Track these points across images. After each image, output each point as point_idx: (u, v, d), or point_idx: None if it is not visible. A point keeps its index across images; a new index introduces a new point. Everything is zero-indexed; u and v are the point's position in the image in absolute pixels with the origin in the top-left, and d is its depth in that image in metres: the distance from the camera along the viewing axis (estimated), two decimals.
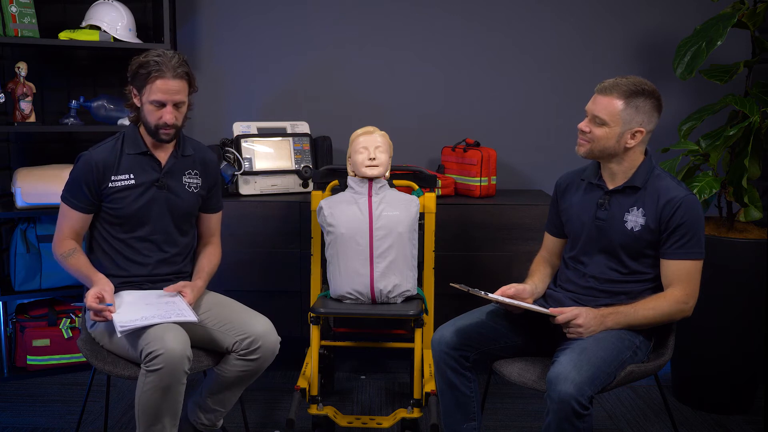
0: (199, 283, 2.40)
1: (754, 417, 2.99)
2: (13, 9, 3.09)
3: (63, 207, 2.35)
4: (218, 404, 2.39)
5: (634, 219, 2.20)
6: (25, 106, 3.16)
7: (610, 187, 2.26)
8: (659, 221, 2.17)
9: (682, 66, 3.03)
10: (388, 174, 2.76)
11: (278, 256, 3.16)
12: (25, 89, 3.14)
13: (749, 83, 3.11)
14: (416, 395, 2.66)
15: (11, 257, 3.26)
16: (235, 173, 3.21)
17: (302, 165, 3.34)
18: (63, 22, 3.35)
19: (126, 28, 3.26)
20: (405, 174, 2.95)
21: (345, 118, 3.57)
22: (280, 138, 3.35)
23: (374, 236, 2.64)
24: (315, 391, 2.65)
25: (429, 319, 2.82)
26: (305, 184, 3.36)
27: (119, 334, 2.13)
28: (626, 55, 3.62)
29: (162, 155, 2.40)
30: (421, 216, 2.81)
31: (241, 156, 3.23)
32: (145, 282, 2.38)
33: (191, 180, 2.45)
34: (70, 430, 2.79)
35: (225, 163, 3.19)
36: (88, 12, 3.26)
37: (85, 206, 2.32)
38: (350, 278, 2.66)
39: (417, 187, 2.91)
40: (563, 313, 2.13)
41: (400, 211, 2.67)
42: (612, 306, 2.18)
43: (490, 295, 2.19)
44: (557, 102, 3.64)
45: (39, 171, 3.22)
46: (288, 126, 3.40)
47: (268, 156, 3.31)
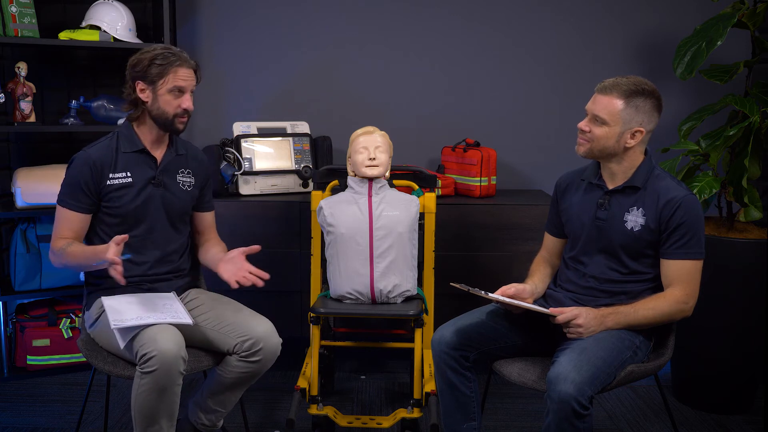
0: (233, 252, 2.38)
1: (754, 417, 2.99)
2: (13, 9, 3.09)
3: (61, 211, 2.31)
4: (218, 405, 2.39)
5: (634, 219, 2.20)
6: (25, 106, 3.16)
7: (610, 187, 2.26)
8: (659, 221, 2.17)
9: (682, 66, 3.03)
10: (388, 174, 2.76)
11: (278, 256, 3.16)
12: (25, 89, 3.14)
13: (749, 83, 3.11)
14: (416, 395, 2.66)
15: (11, 257, 3.26)
16: (235, 173, 3.21)
17: (302, 165, 3.34)
18: (63, 22, 3.35)
19: (126, 28, 3.26)
20: (405, 174, 2.95)
21: (345, 118, 3.57)
22: (280, 138, 3.35)
23: (374, 236, 2.64)
24: (315, 391, 2.65)
25: (429, 319, 2.82)
26: (305, 184, 3.36)
27: (112, 327, 2.12)
28: (626, 55, 3.62)
29: (158, 153, 2.41)
30: (421, 216, 2.81)
31: (241, 156, 3.23)
32: (143, 281, 2.38)
33: (185, 179, 2.45)
34: (70, 430, 2.79)
35: (225, 163, 3.19)
36: (88, 12, 3.26)
37: (84, 206, 2.31)
38: (350, 278, 2.66)
39: (417, 187, 2.91)
40: (563, 313, 2.13)
41: (400, 211, 2.67)
42: (612, 306, 2.18)
43: (490, 294, 2.19)
44: (557, 102, 3.64)
45: (39, 171, 3.22)
46: (288, 126, 3.40)
47: (268, 156, 3.31)
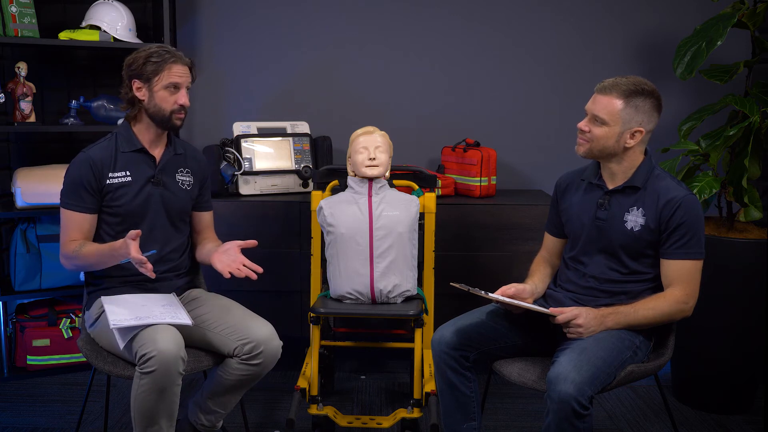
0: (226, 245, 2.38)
1: (754, 417, 2.99)
2: (13, 9, 3.09)
3: (66, 214, 2.31)
4: (218, 406, 2.39)
5: (634, 219, 2.20)
6: (25, 106, 3.16)
7: (610, 187, 2.26)
8: (659, 221, 2.17)
9: (682, 66, 3.03)
10: (388, 174, 2.76)
11: (278, 256, 3.16)
12: (25, 89, 3.14)
13: (749, 83, 3.11)
14: (416, 395, 2.66)
15: (11, 257, 3.26)
16: (235, 173, 3.21)
17: (302, 165, 3.34)
18: (63, 22, 3.35)
19: (126, 28, 3.26)
20: (405, 174, 2.95)
21: (345, 118, 3.57)
22: (280, 138, 3.35)
23: (374, 236, 2.64)
24: (315, 391, 2.65)
25: (429, 319, 2.81)
26: (305, 184, 3.36)
27: (111, 327, 2.12)
28: (626, 55, 3.62)
29: (156, 152, 2.41)
30: (421, 216, 2.81)
31: (241, 156, 3.23)
32: (143, 281, 2.37)
33: (184, 178, 2.46)
34: (70, 430, 2.79)
35: (225, 163, 3.19)
36: (88, 12, 3.26)
37: (89, 206, 2.31)
38: (350, 278, 2.66)
39: (417, 187, 2.91)
40: (563, 313, 2.13)
41: (400, 211, 2.67)
42: (612, 306, 2.18)
43: (490, 294, 2.19)
44: (557, 102, 3.64)
45: (39, 171, 3.22)
46: (288, 126, 3.40)
47: (268, 156, 3.31)
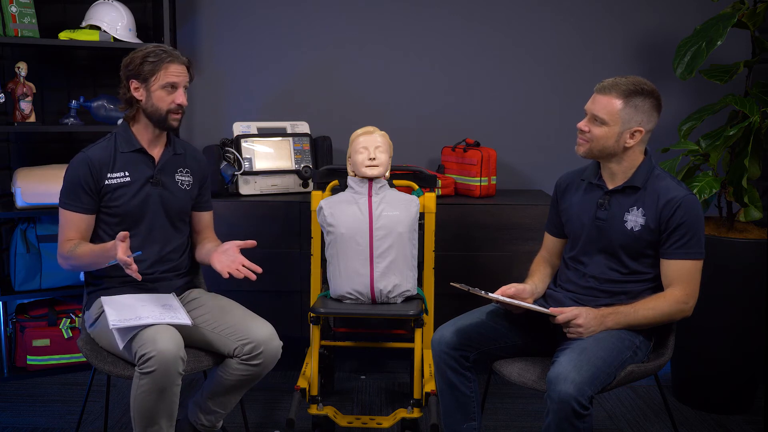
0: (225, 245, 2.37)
1: (754, 417, 2.99)
2: (13, 9, 3.09)
3: (64, 214, 2.32)
4: (218, 406, 2.39)
5: (634, 219, 2.20)
6: (25, 106, 3.16)
7: (610, 187, 2.26)
8: (659, 221, 2.17)
9: (682, 66, 3.03)
10: (388, 174, 2.76)
11: (278, 256, 3.16)
12: (25, 89, 3.14)
13: (749, 83, 3.11)
14: (416, 395, 2.66)
15: (11, 257, 3.26)
16: (235, 173, 3.21)
17: (302, 165, 3.34)
18: (63, 22, 3.35)
19: (126, 28, 3.26)
20: (405, 174, 2.95)
21: (345, 118, 3.57)
22: (280, 138, 3.35)
23: (374, 236, 2.64)
24: (315, 391, 2.65)
25: (429, 319, 2.81)
26: (305, 184, 3.36)
27: (111, 327, 2.12)
28: (626, 55, 3.62)
29: (155, 152, 2.41)
30: (421, 216, 2.81)
31: (241, 156, 3.23)
32: (144, 281, 2.36)
33: (183, 178, 2.46)
34: (70, 430, 2.79)
35: (225, 163, 3.19)
36: (88, 12, 3.26)
37: (87, 207, 2.31)
38: (350, 278, 2.66)
39: (417, 187, 2.91)
40: (563, 313, 2.13)
41: (400, 211, 2.67)
42: (612, 306, 2.18)
43: (490, 294, 2.19)
44: (557, 102, 3.64)
45: (39, 171, 3.22)
46: (288, 126, 3.40)
47: (268, 156, 3.31)
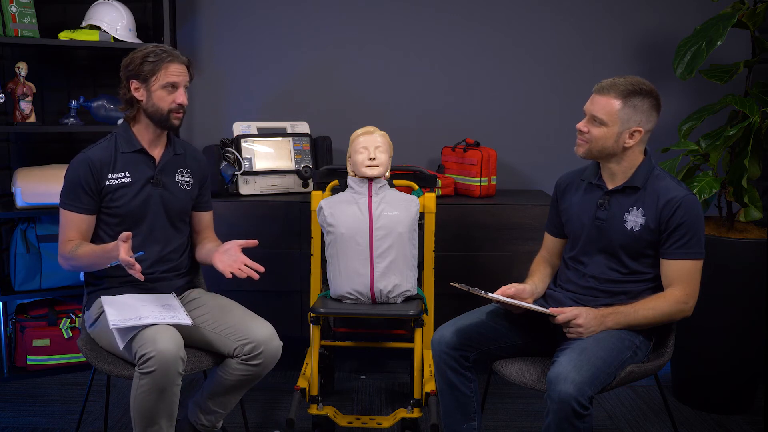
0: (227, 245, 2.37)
1: (754, 417, 2.99)
2: (13, 9, 3.09)
3: (64, 214, 2.32)
4: (218, 406, 2.39)
5: (634, 219, 2.20)
6: (25, 106, 3.16)
7: (610, 187, 2.26)
8: (659, 221, 2.17)
9: (682, 66, 3.03)
10: (388, 174, 2.76)
11: (278, 256, 3.16)
12: (25, 89, 3.14)
13: (749, 83, 3.11)
14: (416, 395, 2.66)
15: (11, 257, 3.26)
16: (235, 173, 3.21)
17: (302, 165, 3.34)
18: (63, 22, 3.35)
19: (126, 28, 3.26)
20: (405, 174, 2.95)
21: (345, 118, 3.57)
22: (280, 138, 3.35)
23: (374, 236, 2.64)
24: (315, 391, 2.65)
25: (429, 319, 2.81)
26: (305, 184, 3.36)
27: (111, 327, 2.12)
28: (626, 55, 3.62)
29: (156, 152, 2.41)
30: (421, 216, 2.81)
31: (241, 156, 3.23)
32: (144, 281, 2.37)
33: (183, 178, 2.46)
34: (70, 430, 2.79)
35: (225, 163, 3.19)
36: (88, 12, 3.26)
37: (87, 207, 2.31)
38: (350, 278, 2.66)
39: (417, 187, 2.91)
40: (563, 313, 2.13)
41: (400, 211, 2.67)
42: (612, 306, 2.18)
43: (490, 294, 2.19)
44: (557, 102, 3.64)
45: (39, 171, 3.22)
46: (288, 126, 3.40)
47: (268, 156, 3.31)
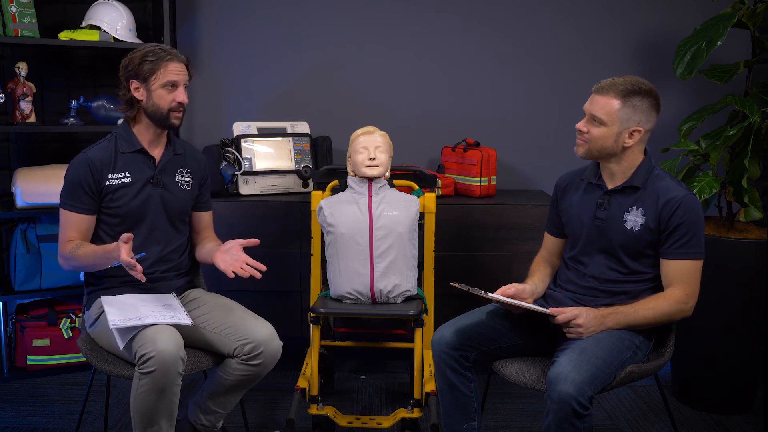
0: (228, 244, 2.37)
1: (754, 417, 2.99)
2: (13, 9, 3.09)
3: (64, 214, 2.32)
4: (218, 406, 2.39)
5: (634, 219, 2.20)
6: (25, 106, 3.16)
7: (610, 186, 2.26)
8: (659, 221, 2.17)
9: (682, 66, 3.03)
10: (388, 174, 2.76)
11: (278, 256, 3.16)
12: (25, 89, 3.14)
13: (749, 83, 3.11)
14: (416, 395, 2.66)
15: (11, 257, 3.26)
16: (235, 173, 3.21)
17: (302, 165, 3.34)
18: (63, 22, 3.35)
19: (126, 28, 3.26)
20: (405, 174, 2.95)
21: (345, 118, 3.56)
22: (280, 138, 3.35)
23: (374, 236, 2.64)
24: (315, 391, 2.65)
25: (429, 319, 2.81)
26: (305, 184, 3.36)
27: (111, 327, 2.13)
28: (626, 55, 3.62)
29: (156, 152, 2.41)
30: (421, 216, 2.81)
31: (241, 156, 3.23)
32: (144, 281, 2.37)
33: (183, 178, 2.46)
34: (70, 430, 2.79)
35: (225, 163, 3.19)
36: (88, 12, 3.26)
37: (87, 207, 2.31)
38: (350, 278, 2.66)
39: (417, 187, 2.91)
40: (563, 313, 2.13)
41: (400, 211, 2.67)
42: (612, 306, 2.18)
43: (490, 294, 2.19)
44: (557, 102, 3.64)
45: (39, 171, 3.22)
46: (288, 126, 3.40)
47: (268, 156, 3.31)
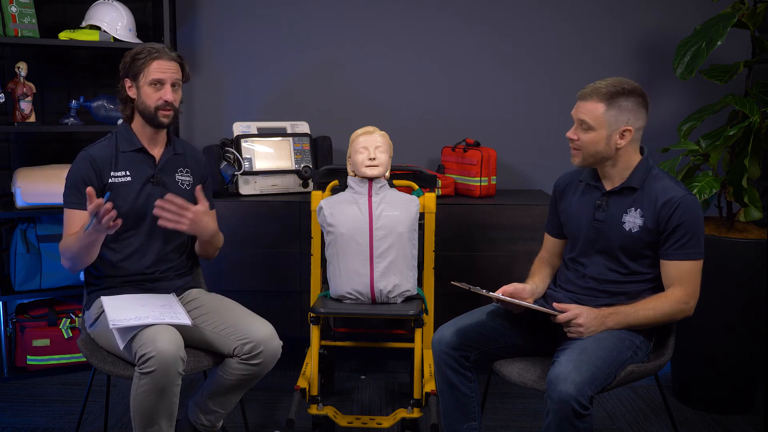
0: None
1: (754, 417, 2.99)
2: (13, 9, 3.09)
3: (68, 213, 2.32)
4: (218, 406, 2.39)
5: (632, 220, 2.20)
6: (25, 106, 3.16)
7: (608, 188, 2.26)
8: (657, 222, 2.17)
9: (682, 66, 3.03)
10: (388, 174, 2.76)
11: (278, 256, 3.16)
12: (25, 89, 3.14)
13: (749, 83, 3.11)
14: (416, 395, 2.66)
15: (11, 257, 3.26)
16: (235, 173, 3.21)
17: (302, 165, 3.34)
18: (63, 22, 3.35)
19: (126, 28, 3.26)
20: (405, 174, 2.95)
21: (345, 118, 3.56)
22: (280, 138, 3.35)
23: (374, 236, 2.64)
24: (315, 391, 2.65)
25: (429, 319, 2.82)
26: (305, 184, 3.36)
27: (111, 327, 2.13)
28: (626, 55, 3.62)
29: (156, 151, 2.42)
30: (421, 216, 2.81)
31: (241, 156, 3.23)
32: (143, 280, 2.38)
33: (183, 177, 2.46)
34: (70, 430, 2.79)
35: (225, 163, 3.19)
36: (88, 12, 3.26)
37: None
38: (350, 278, 2.66)
39: (417, 187, 2.91)
40: (564, 313, 2.13)
41: (400, 211, 2.67)
42: (612, 306, 2.18)
43: (491, 293, 2.19)
44: (557, 102, 3.64)
45: (39, 171, 3.22)
46: (288, 126, 3.40)
47: (268, 156, 3.31)
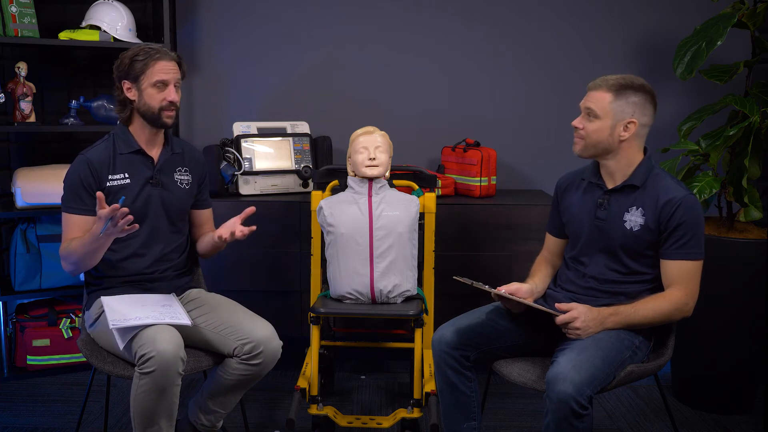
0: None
1: (754, 417, 2.99)
2: (13, 9, 3.09)
3: (66, 218, 2.32)
4: (218, 406, 2.39)
5: (634, 219, 2.20)
6: (25, 106, 3.16)
7: (610, 186, 2.26)
8: (658, 221, 2.17)
9: (682, 66, 3.03)
10: (388, 174, 2.76)
11: (278, 256, 3.16)
12: (25, 89, 3.14)
13: (749, 83, 3.11)
14: (416, 395, 2.66)
15: (11, 257, 3.26)
16: (235, 173, 3.21)
17: (302, 165, 3.34)
18: (63, 22, 3.35)
19: (126, 28, 3.26)
20: (405, 174, 2.95)
21: (345, 118, 3.57)
22: (280, 138, 3.35)
23: (374, 236, 2.64)
24: (315, 391, 2.65)
25: (429, 319, 2.81)
26: (305, 184, 3.36)
27: (111, 327, 2.13)
28: (626, 55, 3.62)
29: (154, 152, 2.41)
30: (421, 216, 2.81)
31: (241, 156, 3.23)
32: (143, 280, 2.38)
33: (182, 177, 2.46)
34: (70, 430, 2.79)
35: (225, 163, 3.19)
36: (88, 12, 3.26)
37: (89, 207, 2.30)
38: (350, 278, 2.66)
39: (417, 187, 2.91)
40: (562, 315, 2.13)
41: (400, 211, 2.67)
42: (612, 306, 2.18)
43: (493, 289, 2.19)
44: (557, 102, 3.64)
45: (39, 171, 3.22)
46: (288, 126, 3.40)
47: (268, 156, 3.31)
